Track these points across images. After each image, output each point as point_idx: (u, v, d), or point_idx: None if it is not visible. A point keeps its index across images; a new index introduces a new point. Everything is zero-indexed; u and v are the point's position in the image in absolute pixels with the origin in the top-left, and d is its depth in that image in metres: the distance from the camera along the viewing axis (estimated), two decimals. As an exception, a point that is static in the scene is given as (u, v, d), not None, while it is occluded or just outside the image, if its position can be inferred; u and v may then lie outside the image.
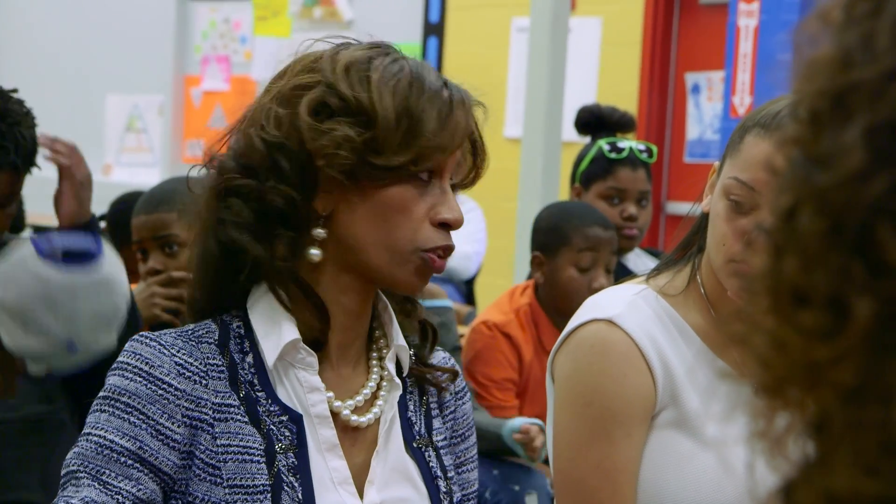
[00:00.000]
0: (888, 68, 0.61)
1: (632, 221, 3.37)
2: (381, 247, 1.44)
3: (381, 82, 1.43)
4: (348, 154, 1.40)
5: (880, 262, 0.60)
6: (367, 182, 1.43)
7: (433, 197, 1.45)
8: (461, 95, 1.47)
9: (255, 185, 1.43)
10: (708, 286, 1.71)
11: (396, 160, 1.41)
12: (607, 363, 1.66)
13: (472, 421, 1.63)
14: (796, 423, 0.64)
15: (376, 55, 1.46)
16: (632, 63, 6.50)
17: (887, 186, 0.60)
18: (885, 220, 0.60)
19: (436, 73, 1.48)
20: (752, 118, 1.67)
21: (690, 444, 1.66)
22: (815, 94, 0.64)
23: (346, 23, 7.44)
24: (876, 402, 0.60)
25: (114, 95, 8.21)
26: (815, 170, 0.63)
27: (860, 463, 0.61)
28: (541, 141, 4.36)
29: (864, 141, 0.61)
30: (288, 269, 1.44)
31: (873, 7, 0.63)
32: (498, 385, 3.26)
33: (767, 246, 0.64)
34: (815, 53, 0.64)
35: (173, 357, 1.42)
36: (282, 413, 1.45)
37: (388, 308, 1.54)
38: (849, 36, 0.63)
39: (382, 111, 1.41)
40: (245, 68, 7.81)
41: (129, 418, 1.40)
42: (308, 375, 1.47)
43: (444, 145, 1.43)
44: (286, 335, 1.45)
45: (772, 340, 0.64)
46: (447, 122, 1.43)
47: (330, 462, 1.46)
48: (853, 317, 0.61)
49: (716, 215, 1.67)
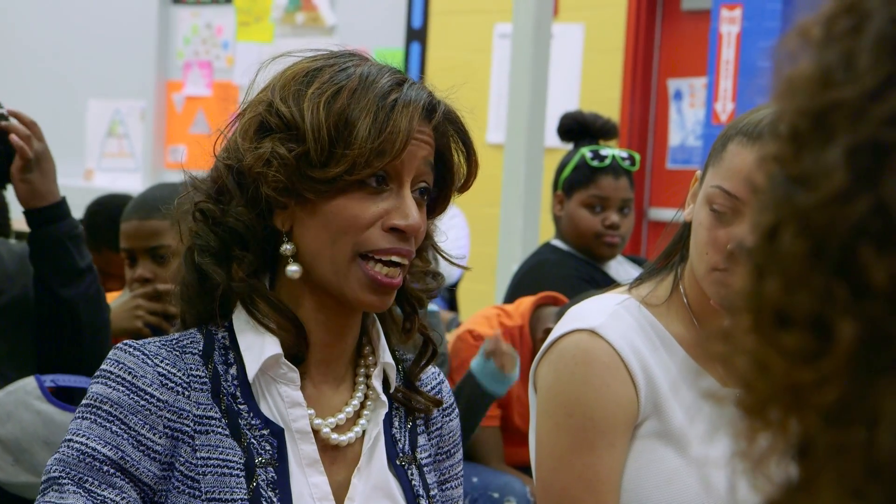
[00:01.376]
0: (869, 88, 0.61)
1: (614, 229, 3.37)
2: (327, 259, 1.43)
3: (315, 95, 1.42)
4: (278, 171, 1.41)
5: (863, 284, 0.60)
6: (311, 195, 1.42)
7: (387, 203, 1.43)
8: (409, 98, 1.43)
9: (218, 209, 1.45)
10: (691, 296, 1.70)
11: (332, 171, 1.41)
12: (589, 373, 1.65)
13: (459, 438, 1.62)
14: (779, 445, 0.63)
15: (328, 66, 1.46)
16: (614, 69, 6.51)
17: (869, 207, 0.60)
18: (868, 241, 0.60)
19: (395, 78, 1.45)
20: (735, 126, 1.67)
21: (675, 458, 1.65)
22: (796, 112, 0.63)
23: (329, 28, 7.43)
24: (860, 424, 0.60)
25: (95, 100, 8.19)
26: (796, 190, 0.62)
27: (845, 486, 0.60)
28: (523, 147, 4.36)
29: (846, 161, 0.61)
30: (248, 289, 1.44)
31: (853, 25, 0.62)
32: None
33: (749, 265, 0.64)
34: (794, 70, 0.64)
35: (156, 367, 1.42)
36: (263, 427, 1.44)
37: (376, 324, 1.53)
38: (829, 54, 0.63)
39: (311, 124, 1.41)
40: (227, 74, 7.79)
41: (111, 427, 1.39)
42: (289, 390, 1.46)
43: (382, 150, 1.40)
44: (268, 349, 1.44)
45: (754, 362, 0.63)
46: (384, 126, 1.41)
47: (310, 478, 1.45)
48: (836, 339, 0.61)
49: (699, 224, 1.66)
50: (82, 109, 8.26)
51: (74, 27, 8.18)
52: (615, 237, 3.38)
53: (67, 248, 2.50)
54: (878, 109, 0.60)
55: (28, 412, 2.18)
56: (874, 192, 0.60)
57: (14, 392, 2.23)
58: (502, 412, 3.31)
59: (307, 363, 1.48)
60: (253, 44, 7.66)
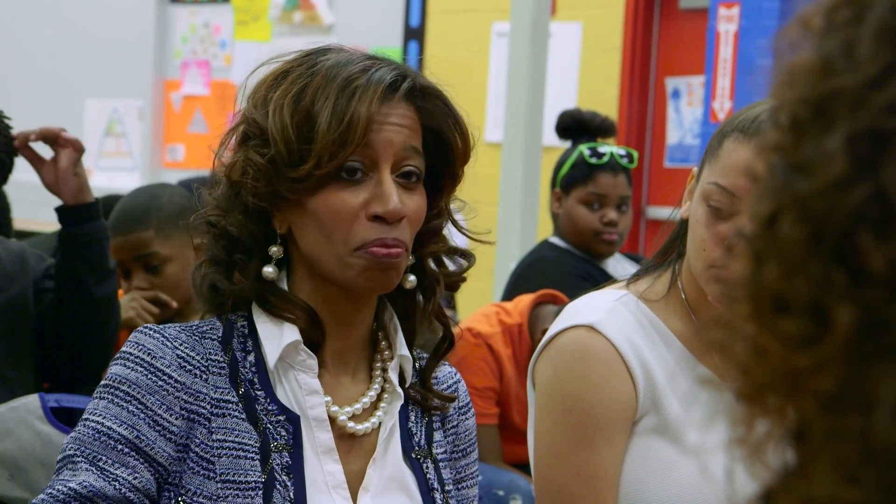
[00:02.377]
0: (869, 76, 0.61)
1: (612, 227, 3.37)
2: (327, 254, 1.45)
3: (280, 97, 1.44)
4: (255, 178, 1.44)
5: (861, 270, 0.60)
6: (292, 196, 1.44)
7: (367, 192, 1.44)
8: (369, 81, 1.42)
9: (220, 219, 1.49)
10: (688, 291, 1.71)
11: (303, 169, 1.42)
12: (588, 369, 1.65)
13: (475, 437, 1.63)
14: (776, 431, 0.64)
15: (299, 64, 1.47)
16: (612, 68, 6.51)
17: (868, 194, 0.60)
18: (866, 228, 0.60)
19: (364, 63, 1.45)
20: (731, 123, 1.67)
21: (672, 450, 1.65)
22: (797, 101, 0.63)
23: (327, 27, 7.43)
24: (856, 410, 0.60)
25: (93, 100, 8.19)
26: (796, 177, 0.63)
27: (840, 471, 0.61)
28: (521, 145, 4.36)
29: (846, 149, 0.61)
30: (253, 291, 1.47)
31: (854, 14, 0.63)
32: (479, 393, 3.25)
33: (748, 252, 0.64)
34: (795, 60, 0.64)
35: (175, 350, 1.44)
36: (279, 413, 1.45)
37: (393, 318, 1.54)
38: (830, 43, 0.63)
39: (275, 126, 1.43)
40: (225, 73, 7.79)
41: (128, 407, 1.41)
42: (307, 378, 1.47)
43: (344, 141, 1.41)
44: (287, 336, 1.46)
45: (752, 348, 0.64)
46: (343, 114, 1.41)
47: (325, 465, 1.46)
48: (834, 325, 0.61)
49: (695, 221, 1.67)
50: (80, 109, 8.26)
51: (72, 26, 8.18)
52: (613, 234, 3.38)
53: (104, 247, 2.52)
54: (878, 97, 0.61)
55: (28, 431, 2.19)
56: (873, 180, 0.60)
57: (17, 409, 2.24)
58: (501, 410, 3.31)
59: (323, 354, 1.49)
60: (251, 43, 7.66)
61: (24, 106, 8.61)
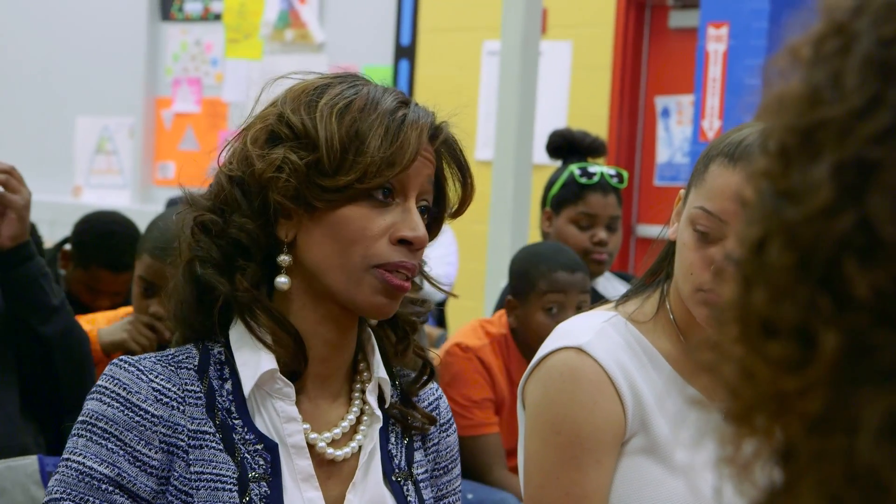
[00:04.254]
0: (856, 107, 0.62)
1: (602, 246, 3.38)
2: (337, 268, 1.44)
3: (328, 106, 1.45)
4: (290, 177, 1.43)
5: (846, 296, 0.62)
6: (319, 204, 1.44)
7: (393, 216, 1.45)
8: (417, 116, 1.46)
9: (220, 220, 1.47)
10: (677, 313, 1.71)
11: (343, 179, 1.43)
12: (577, 391, 1.66)
13: (457, 454, 1.63)
14: (763, 451, 0.65)
15: (336, 82, 1.49)
16: (602, 86, 6.54)
17: (854, 222, 0.61)
18: (852, 255, 0.61)
19: (399, 98, 1.48)
20: (716, 147, 1.68)
21: (660, 470, 1.66)
22: (785, 129, 0.65)
23: (318, 45, 7.45)
24: (840, 432, 0.61)
25: (84, 117, 8.19)
26: (784, 204, 0.64)
27: (824, 491, 0.62)
28: (512, 164, 4.37)
29: (832, 177, 0.62)
30: (251, 300, 1.46)
31: (841, 45, 0.64)
32: (478, 405, 3.26)
33: (736, 276, 0.65)
34: (784, 88, 0.65)
35: (151, 383, 1.43)
36: (257, 441, 1.44)
37: (371, 339, 1.54)
38: (818, 73, 0.64)
39: (324, 133, 1.43)
40: (216, 90, 7.80)
41: (107, 444, 1.40)
42: (284, 405, 1.46)
43: (392, 161, 1.43)
44: (264, 364, 1.45)
45: (740, 370, 0.65)
46: (395, 138, 1.43)
47: (305, 493, 1.45)
48: (820, 349, 0.62)
49: (682, 244, 1.68)
50: (71, 126, 8.26)
51: (63, 44, 8.19)
52: (603, 254, 3.39)
53: (42, 286, 2.49)
54: (864, 128, 0.62)
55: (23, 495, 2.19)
56: (859, 208, 0.61)
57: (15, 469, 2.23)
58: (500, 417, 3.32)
59: (304, 377, 1.49)
60: (242, 60, 7.68)
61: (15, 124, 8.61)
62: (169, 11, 8.05)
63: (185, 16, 8.00)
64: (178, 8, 8.02)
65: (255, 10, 7.66)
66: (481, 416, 3.26)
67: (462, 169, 1.53)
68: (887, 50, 0.62)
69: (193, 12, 7.97)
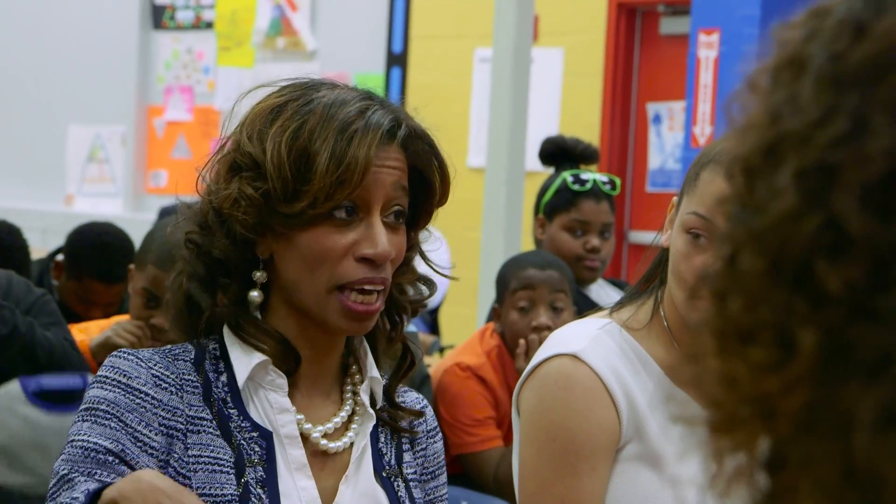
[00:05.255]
0: (813, 118, 0.64)
1: (594, 253, 3.39)
2: (307, 289, 1.47)
3: (278, 133, 1.45)
4: (246, 211, 1.45)
5: (820, 294, 0.63)
6: (281, 229, 1.46)
7: (356, 233, 1.46)
8: (369, 126, 1.45)
9: (203, 239, 1.50)
10: (671, 319, 1.72)
11: (297, 206, 1.44)
12: (572, 398, 1.66)
13: (443, 460, 1.64)
14: (748, 463, 0.65)
15: (294, 98, 1.48)
16: (594, 93, 6.55)
17: (820, 223, 0.63)
18: (822, 253, 0.63)
19: (361, 104, 1.47)
20: (707, 155, 1.69)
21: (655, 478, 1.66)
22: (748, 152, 0.67)
23: (310, 53, 7.45)
24: (832, 431, 0.62)
25: (76, 125, 8.19)
26: (751, 216, 0.66)
27: (824, 495, 0.62)
28: (504, 171, 4.38)
29: (795, 183, 0.64)
30: (232, 315, 1.49)
31: (797, 71, 0.67)
32: (482, 423, 3.27)
33: (711, 292, 0.67)
34: (745, 118, 0.68)
35: (150, 369, 1.46)
36: (252, 429, 1.48)
37: (363, 342, 1.56)
38: (776, 97, 0.67)
39: (272, 163, 1.44)
40: (208, 98, 7.80)
41: (110, 424, 1.43)
42: (278, 397, 1.49)
43: (342, 181, 1.43)
44: (256, 356, 1.48)
45: (721, 378, 0.66)
46: (342, 158, 1.43)
47: (298, 481, 1.48)
48: (799, 347, 0.63)
49: (676, 251, 1.68)
50: (63, 134, 8.26)
51: (55, 52, 8.18)
52: (596, 261, 3.39)
53: None
54: (822, 135, 0.64)
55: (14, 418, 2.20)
56: (824, 209, 0.63)
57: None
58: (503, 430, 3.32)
59: (296, 378, 1.52)
60: (234, 68, 7.68)
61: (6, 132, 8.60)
62: (161, 20, 8.05)
63: (176, 24, 8.00)
64: (170, 16, 8.02)
65: (247, 18, 7.67)
66: (484, 433, 3.27)
67: (435, 156, 1.52)
68: (839, 63, 0.65)
69: (185, 20, 7.97)
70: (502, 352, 3.28)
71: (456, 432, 3.26)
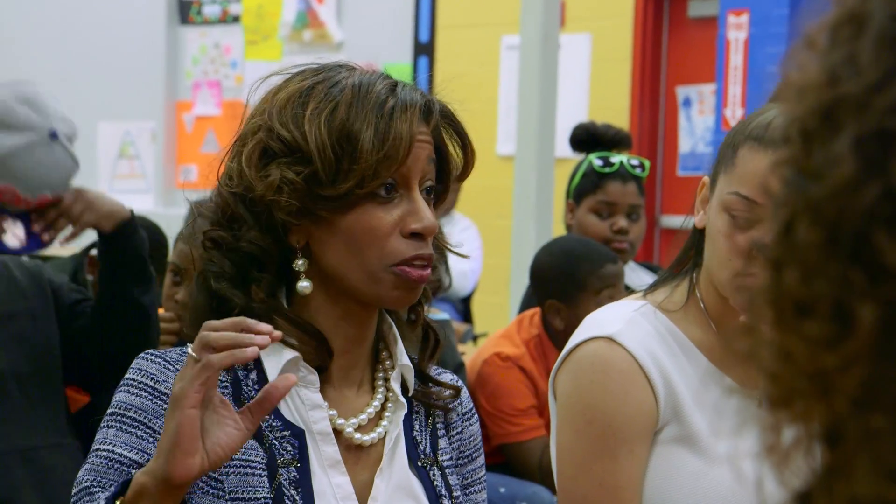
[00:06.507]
0: (873, 81, 0.63)
1: (622, 235, 3.37)
2: (356, 270, 1.45)
3: (314, 115, 1.44)
4: (290, 196, 1.43)
5: (879, 268, 0.61)
6: (325, 213, 1.44)
7: (400, 210, 1.45)
8: (405, 103, 1.45)
9: (230, 236, 1.47)
10: (708, 301, 1.70)
11: (342, 187, 1.42)
12: (608, 381, 1.65)
13: (480, 442, 1.63)
14: (806, 436, 0.64)
15: (319, 81, 1.47)
16: (622, 78, 6.52)
17: (879, 193, 0.61)
18: (880, 226, 0.61)
19: (386, 83, 1.47)
20: (742, 131, 1.66)
21: (697, 461, 1.65)
22: (805, 114, 0.65)
23: (337, 45, 7.45)
24: (890, 407, 0.61)
25: (106, 123, 8.22)
26: (808, 183, 0.64)
27: (881, 470, 0.61)
28: (534, 158, 4.36)
29: (854, 151, 0.62)
30: (269, 309, 1.46)
31: (856, 29, 0.65)
32: (524, 413, 3.27)
33: (767, 262, 0.65)
34: (802, 76, 0.66)
35: (177, 372, 1.43)
36: (284, 428, 1.46)
37: (392, 328, 1.55)
38: (834, 56, 0.65)
39: (316, 145, 1.42)
40: (237, 93, 7.81)
41: (136, 432, 1.42)
42: (309, 393, 1.48)
43: (388, 158, 1.43)
44: (287, 353, 1.46)
45: (778, 352, 0.64)
46: (386, 135, 1.42)
47: (333, 478, 1.47)
48: (857, 323, 0.62)
49: (717, 232, 1.66)
50: (93, 132, 8.29)
51: (82, 50, 8.22)
52: (624, 242, 3.37)
53: (145, 259, 2.62)
54: (882, 100, 0.62)
55: None
56: (883, 179, 0.61)
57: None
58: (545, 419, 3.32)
59: (329, 370, 1.50)
60: (261, 62, 7.69)
61: (37, 130, 8.64)
62: (187, 15, 8.07)
63: (203, 19, 8.02)
64: (197, 11, 8.03)
65: (274, 11, 7.67)
66: (528, 423, 3.26)
67: (460, 135, 1.52)
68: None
69: (212, 15, 7.99)
70: (542, 341, 3.27)
71: (498, 422, 3.26)
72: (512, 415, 3.25)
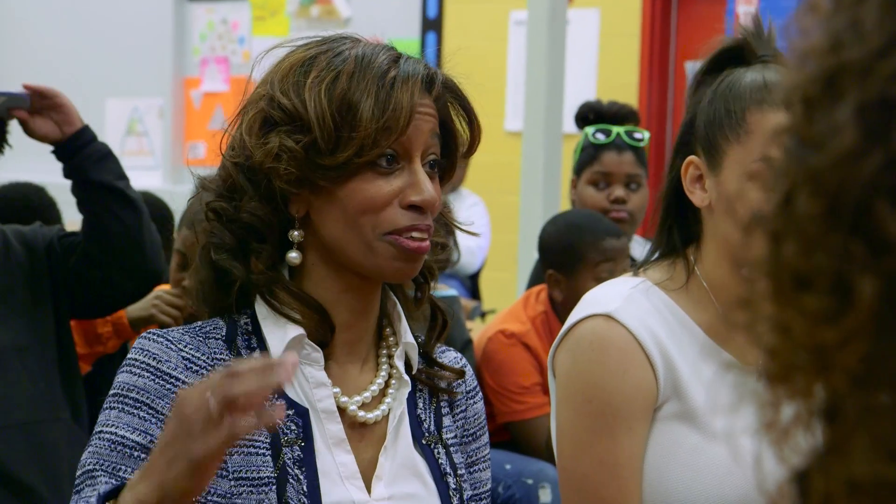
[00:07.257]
0: (875, 47, 0.61)
1: (620, 204, 3.35)
2: (352, 240, 1.44)
3: (315, 82, 1.43)
4: (289, 164, 1.42)
5: (880, 240, 0.60)
6: (324, 182, 1.43)
7: (400, 181, 1.45)
8: (407, 73, 1.44)
9: (230, 206, 1.47)
10: (711, 278, 1.69)
11: (341, 156, 1.42)
12: (607, 358, 1.65)
13: (484, 420, 1.63)
14: (804, 412, 0.63)
15: (323, 51, 1.47)
16: (631, 53, 6.50)
17: (881, 163, 0.60)
18: (882, 197, 0.60)
19: (389, 54, 1.46)
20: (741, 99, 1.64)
21: (697, 437, 1.64)
22: (807, 80, 0.63)
23: (344, 20, 7.43)
24: (890, 384, 0.60)
25: (113, 99, 8.21)
26: (808, 152, 0.62)
27: (880, 448, 0.60)
28: (541, 134, 4.35)
29: (856, 119, 0.61)
30: (268, 281, 1.46)
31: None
32: (529, 390, 3.26)
33: (766, 233, 0.64)
34: (805, 43, 0.64)
35: (180, 352, 1.44)
36: (288, 407, 1.45)
37: (396, 305, 1.54)
38: (837, 21, 0.63)
39: (315, 113, 1.42)
40: (244, 69, 7.79)
41: (139, 413, 1.41)
42: (314, 371, 1.47)
43: (387, 128, 1.42)
44: (291, 331, 1.46)
45: (776, 326, 0.63)
46: (386, 104, 1.42)
47: (337, 457, 1.46)
48: (857, 297, 0.60)
49: (747, 204, 1.61)
50: (100, 108, 8.28)
51: (90, 27, 8.20)
52: (622, 212, 3.35)
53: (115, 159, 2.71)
54: (885, 66, 0.60)
55: None
56: (885, 148, 0.60)
57: None
58: None
59: (332, 345, 1.50)
60: (269, 38, 7.67)
61: (45, 107, 8.63)
62: (195, -9, 8.05)
63: (211, -5, 7.99)
64: (204, -13, 8.01)
65: (281, -14, 7.65)
66: (533, 401, 3.26)
67: (466, 110, 1.51)
68: None
69: (219, -9, 7.96)
70: (549, 318, 3.26)
71: (503, 400, 3.25)
72: (516, 392, 3.25)
